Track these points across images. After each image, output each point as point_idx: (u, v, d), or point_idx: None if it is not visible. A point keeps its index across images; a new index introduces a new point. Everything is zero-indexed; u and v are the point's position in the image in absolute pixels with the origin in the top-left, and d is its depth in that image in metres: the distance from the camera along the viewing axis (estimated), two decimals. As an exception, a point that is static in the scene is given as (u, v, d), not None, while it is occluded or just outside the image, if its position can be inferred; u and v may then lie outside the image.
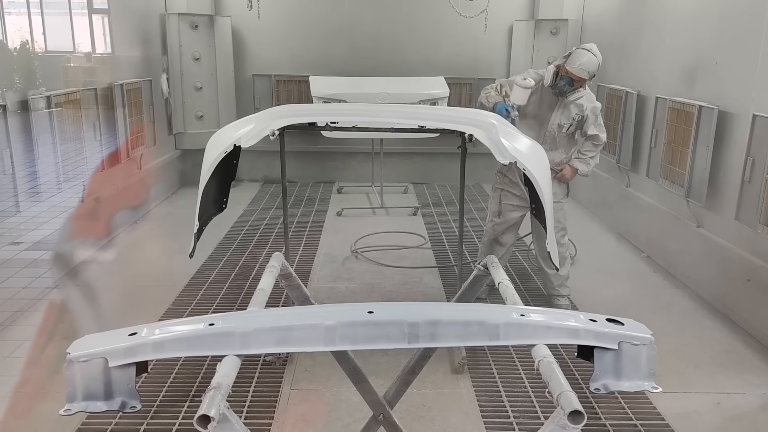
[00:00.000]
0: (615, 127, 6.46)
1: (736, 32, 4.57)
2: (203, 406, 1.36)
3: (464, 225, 4.77)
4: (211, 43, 7.89)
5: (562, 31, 7.93)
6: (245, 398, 3.39)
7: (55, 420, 3.10)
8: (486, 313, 1.68)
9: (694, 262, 5.01)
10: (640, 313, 4.17)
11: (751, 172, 4.21)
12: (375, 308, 1.61)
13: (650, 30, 5.98)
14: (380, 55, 8.17)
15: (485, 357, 3.86)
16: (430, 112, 4.38)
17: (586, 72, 4.22)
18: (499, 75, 8.33)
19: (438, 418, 3.26)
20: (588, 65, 4.21)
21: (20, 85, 4.90)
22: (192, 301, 4.65)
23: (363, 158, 8.12)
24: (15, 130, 4.79)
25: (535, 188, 3.07)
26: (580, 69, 4.19)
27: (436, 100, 6.88)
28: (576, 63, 4.20)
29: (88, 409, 1.47)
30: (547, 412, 3.27)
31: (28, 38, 5.22)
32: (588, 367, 1.59)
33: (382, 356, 3.77)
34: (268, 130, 3.52)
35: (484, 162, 5.42)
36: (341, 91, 6.70)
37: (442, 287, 5.04)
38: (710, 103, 4.70)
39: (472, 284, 2.49)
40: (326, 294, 4.85)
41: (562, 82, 4.25)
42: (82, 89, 5.69)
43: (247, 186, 8.09)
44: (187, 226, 3.47)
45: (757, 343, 4.12)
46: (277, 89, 8.22)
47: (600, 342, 1.59)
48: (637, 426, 3.20)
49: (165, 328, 1.59)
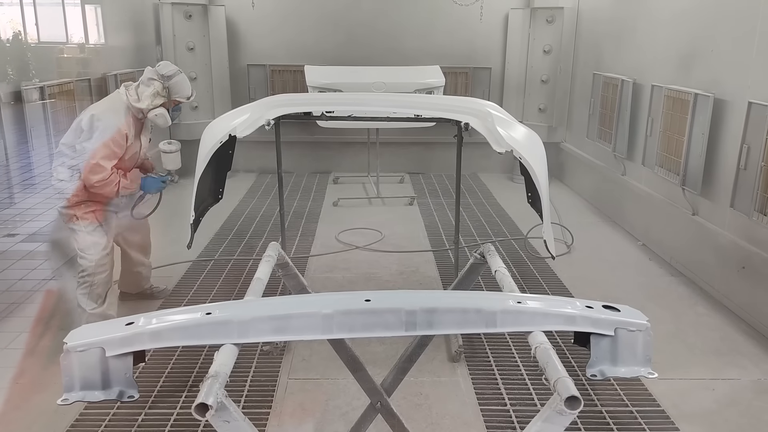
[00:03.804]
0: (611, 116, 6.46)
1: (731, 20, 4.57)
2: (201, 395, 1.36)
3: (460, 214, 4.77)
4: (205, 32, 7.84)
5: (558, 19, 7.90)
6: (243, 388, 3.39)
7: (53, 410, 3.11)
8: (483, 300, 1.69)
9: (690, 249, 5.03)
10: (635, 300, 4.20)
11: (747, 159, 4.22)
12: (372, 296, 1.62)
13: (646, 18, 5.97)
14: (376, 44, 8.14)
15: (482, 345, 3.87)
16: (426, 101, 4.38)
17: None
18: (495, 63, 8.33)
19: (435, 405, 3.28)
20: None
21: (13, 76, 4.87)
22: (189, 292, 4.66)
23: (359, 148, 8.10)
24: (8, 121, 4.76)
25: (531, 177, 3.08)
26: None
27: (431, 89, 6.87)
28: (187, 92, 4.05)
29: (86, 399, 1.48)
30: (543, 399, 3.29)
31: (21, 29, 5.18)
32: (584, 353, 1.60)
33: (379, 345, 3.78)
34: (263, 120, 3.52)
35: (480, 151, 5.42)
36: (337, 80, 6.67)
37: (438, 276, 5.05)
38: (706, 91, 4.70)
39: (468, 272, 2.50)
40: (323, 284, 4.86)
41: (177, 113, 4.10)
42: (75, 80, 5.66)
43: (243, 177, 8.07)
44: (183, 217, 3.47)
45: (752, 329, 4.15)
46: (272, 79, 8.18)
47: (596, 328, 1.60)
48: (633, 412, 3.22)
49: (162, 317, 1.59)
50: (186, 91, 4.03)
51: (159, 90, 3.90)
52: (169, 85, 3.93)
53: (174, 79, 3.95)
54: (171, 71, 3.97)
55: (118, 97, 3.92)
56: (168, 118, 3.95)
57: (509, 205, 7.04)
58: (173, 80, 3.95)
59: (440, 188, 7.87)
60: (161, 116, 3.91)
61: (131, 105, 3.86)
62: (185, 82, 4.03)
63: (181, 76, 4.00)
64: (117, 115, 3.80)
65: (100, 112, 3.80)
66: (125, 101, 3.87)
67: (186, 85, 4.03)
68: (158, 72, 3.94)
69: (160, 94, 3.91)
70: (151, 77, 3.92)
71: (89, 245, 3.83)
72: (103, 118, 3.76)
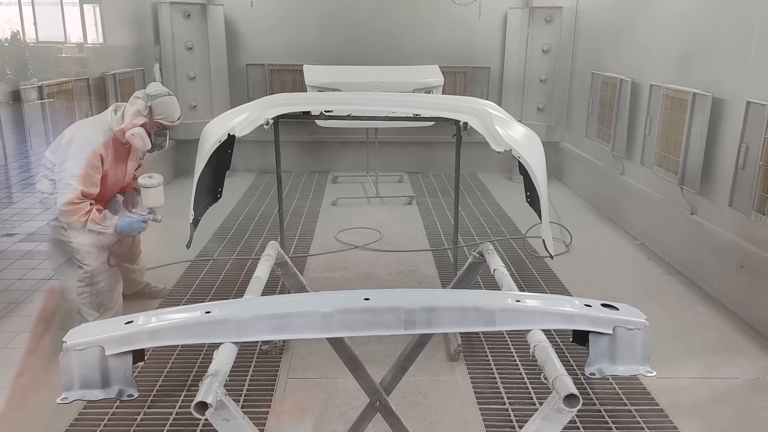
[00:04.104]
0: (609, 115, 6.47)
1: (730, 19, 4.57)
2: (200, 393, 1.36)
3: (459, 214, 4.78)
4: (203, 32, 7.84)
5: (557, 18, 7.91)
6: (242, 387, 3.39)
7: (52, 410, 3.11)
8: (482, 299, 1.69)
9: (688, 248, 5.04)
10: (634, 299, 4.20)
11: (745, 158, 4.22)
12: (371, 295, 1.62)
13: (645, 17, 5.97)
14: (375, 43, 8.14)
15: (481, 344, 3.88)
16: (425, 100, 4.38)
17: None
18: (493, 63, 8.33)
19: (434, 405, 3.28)
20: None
21: (12, 76, 4.87)
22: (188, 291, 4.66)
23: (358, 148, 8.10)
24: (7, 121, 4.76)
25: (530, 176, 3.08)
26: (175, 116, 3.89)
27: (430, 88, 6.87)
28: (176, 114, 3.87)
29: (85, 398, 1.48)
30: (541, 397, 3.30)
31: (19, 29, 5.17)
32: (582, 352, 1.60)
33: (378, 344, 3.78)
34: (262, 119, 3.52)
35: (480, 151, 5.43)
36: (335, 80, 6.67)
37: (437, 276, 5.05)
38: (704, 90, 4.71)
39: (467, 271, 2.50)
40: (322, 283, 4.86)
41: (161, 139, 3.90)
42: (74, 79, 5.65)
43: (242, 176, 8.07)
44: (182, 217, 3.47)
45: (750, 328, 4.16)
46: (271, 78, 8.18)
47: (595, 327, 1.60)
48: (631, 410, 3.22)
49: (161, 316, 1.60)
50: (172, 114, 3.81)
51: (140, 108, 3.72)
52: (152, 105, 3.73)
53: (159, 99, 3.75)
54: (157, 91, 3.79)
55: (103, 117, 3.82)
56: (146, 139, 3.72)
57: (508, 204, 7.05)
58: (158, 100, 3.75)
59: (439, 188, 7.87)
60: (137, 136, 3.69)
61: (112, 127, 3.75)
62: (173, 104, 3.82)
63: (168, 98, 3.80)
64: (96, 136, 3.67)
65: (79, 131, 3.70)
66: (108, 122, 3.76)
67: (172, 108, 3.82)
68: (145, 91, 3.79)
69: (141, 113, 3.72)
70: (137, 96, 3.78)
71: (83, 255, 3.76)
72: (80, 137, 3.65)
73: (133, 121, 3.73)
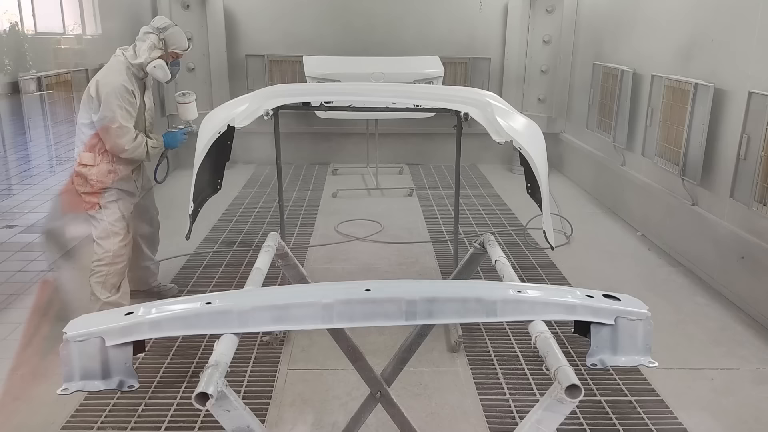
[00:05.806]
0: (610, 106, 6.44)
1: (732, 9, 4.54)
2: (201, 384, 1.35)
3: (460, 205, 4.77)
4: (203, 23, 7.80)
5: (558, 9, 7.87)
6: (243, 378, 3.40)
7: (53, 400, 3.11)
8: (483, 289, 1.68)
9: (689, 240, 5.03)
10: (635, 290, 4.19)
11: (747, 149, 4.21)
12: (372, 286, 1.61)
13: (646, 7, 5.94)
14: (375, 34, 8.10)
15: (481, 335, 3.88)
16: (426, 91, 4.36)
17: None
18: (494, 54, 8.29)
19: (435, 395, 3.29)
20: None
21: (10, 67, 4.84)
22: (188, 283, 4.65)
23: (358, 139, 8.08)
24: (6, 112, 4.74)
25: (531, 167, 3.07)
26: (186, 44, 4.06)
27: (431, 79, 6.84)
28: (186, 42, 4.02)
29: (86, 389, 1.47)
30: (542, 388, 3.30)
31: (18, 20, 5.14)
32: (583, 344, 1.60)
33: (379, 335, 3.79)
34: (262, 110, 3.50)
35: (480, 142, 5.42)
36: (335, 70, 6.65)
37: (438, 267, 5.05)
38: (706, 81, 4.69)
39: (468, 263, 2.49)
40: (322, 275, 4.86)
41: (176, 68, 4.07)
42: (73, 70, 5.63)
43: (242, 168, 8.05)
44: (181, 208, 3.46)
45: (751, 319, 4.16)
46: (271, 69, 8.15)
47: (597, 317, 1.59)
48: (632, 402, 3.23)
49: (162, 307, 1.59)
50: (182, 42, 3.99)
51: (155, 42, 3.86)
52: (164, 37, 3.89)
53: (169, 30, 3.92)
54: (165, 23, 3.95)
55: (116, 60, 3.89)
56: (167, 70, 3.89)
57: (509, 196, 7.04)
58: (168, 32, 3.91)
59: (439, 179, 7.86)
60: (160, 68, 3.84)
61: (130, 64, 3.83)
62: (180, 33, 3.99)
63: (175, 28, 3.97)
64: (119, 75, 3.77)
65: (102, 77, 3.77)
66: (124, 61, 3.84)
67: (182, 36, 3.99)
68: (152, 25, 3.92)
69: (156, 47, 3.87)
70: (147, 31, 3.89)
71: (109, 235, 3.82)
72: (107, 81, 3.73)
73: (152, 55, 3.85)
